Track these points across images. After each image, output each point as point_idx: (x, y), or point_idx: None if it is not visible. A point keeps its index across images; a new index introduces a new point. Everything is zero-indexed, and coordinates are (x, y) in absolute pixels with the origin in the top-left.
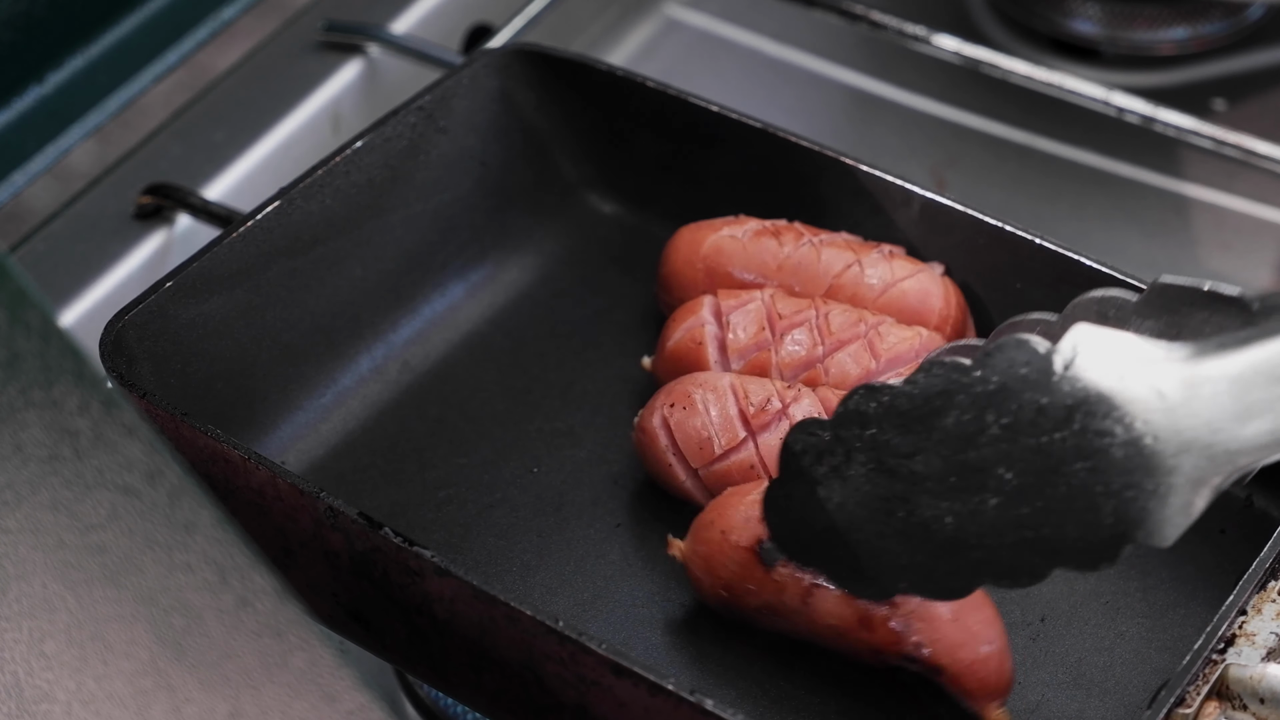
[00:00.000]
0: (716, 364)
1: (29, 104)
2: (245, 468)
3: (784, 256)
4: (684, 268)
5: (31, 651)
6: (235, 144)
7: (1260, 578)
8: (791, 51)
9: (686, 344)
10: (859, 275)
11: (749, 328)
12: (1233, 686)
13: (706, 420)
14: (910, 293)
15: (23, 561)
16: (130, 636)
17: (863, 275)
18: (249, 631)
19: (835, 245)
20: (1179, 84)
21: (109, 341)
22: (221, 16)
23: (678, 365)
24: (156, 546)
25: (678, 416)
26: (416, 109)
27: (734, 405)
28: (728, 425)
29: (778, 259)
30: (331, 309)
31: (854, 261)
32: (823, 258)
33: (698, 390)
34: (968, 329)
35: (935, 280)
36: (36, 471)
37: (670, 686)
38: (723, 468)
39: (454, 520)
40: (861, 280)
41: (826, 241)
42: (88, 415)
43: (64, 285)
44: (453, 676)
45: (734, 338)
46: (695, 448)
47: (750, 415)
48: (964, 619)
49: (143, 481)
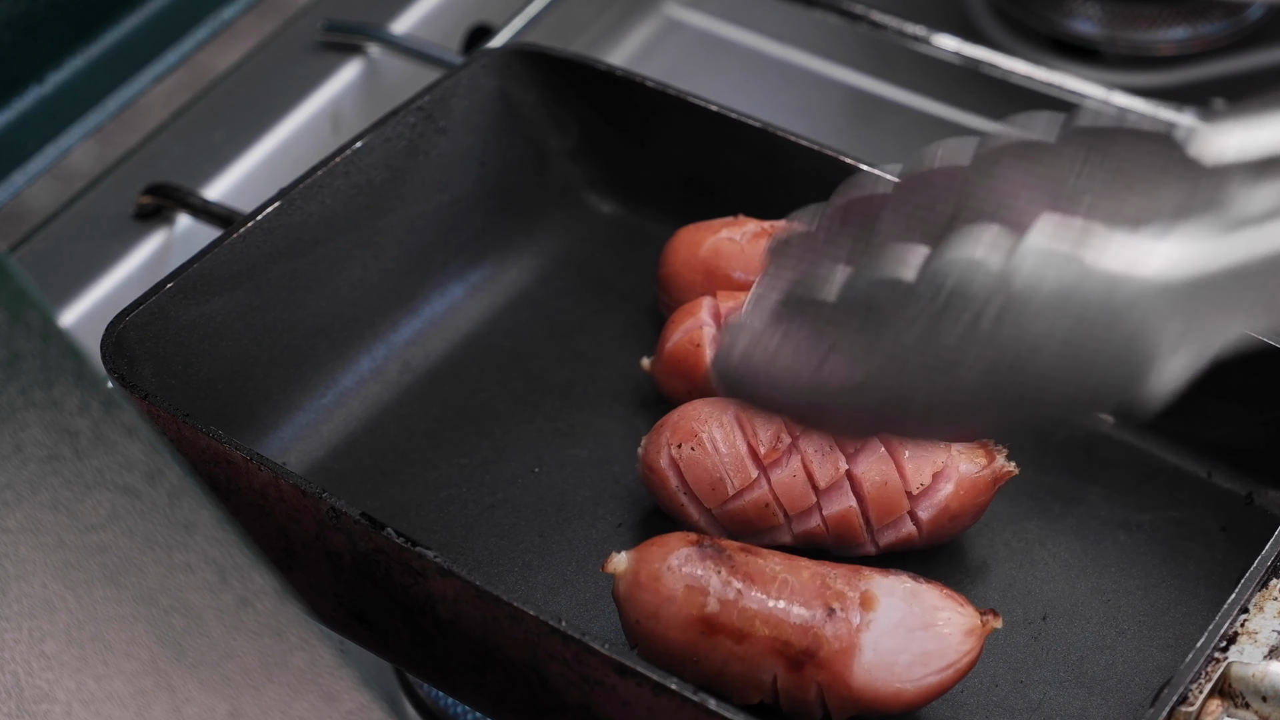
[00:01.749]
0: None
1: (29, 104)
2: (247, 469)
3: None
4: (683, 269)
5: (31, 651)
6: (235, 144)
7: (1262, 576)
8: (791, 51)
9: (685, 346)
10: None
11: None
12: (1235, 684)
13: (717, 460)
14: None
15: (23, 561)
16: (130, 636)
17: None
18: (249, 631)
19: None
20: (1179, 84)
21: (110, 343)
22: (221, 16)
23: (676, 367)
24: (156, 546)
25: (687, 456)
26: (416, 109)
27: (743, 443)
28: (739, 465)
29: None
30: (332, 310)
31: None
32: None
33: (704, 428)
34: None
35: None
36: (36, 471)
37: (674, 686)
38: (737, 507)
39: (455, 520)
40: None
41: None
42: (88, 415)
43: (64, 285)
44: (456, 677)
45: None
46: (708, 489)
47: (761, 454)
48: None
49: (143, 481)
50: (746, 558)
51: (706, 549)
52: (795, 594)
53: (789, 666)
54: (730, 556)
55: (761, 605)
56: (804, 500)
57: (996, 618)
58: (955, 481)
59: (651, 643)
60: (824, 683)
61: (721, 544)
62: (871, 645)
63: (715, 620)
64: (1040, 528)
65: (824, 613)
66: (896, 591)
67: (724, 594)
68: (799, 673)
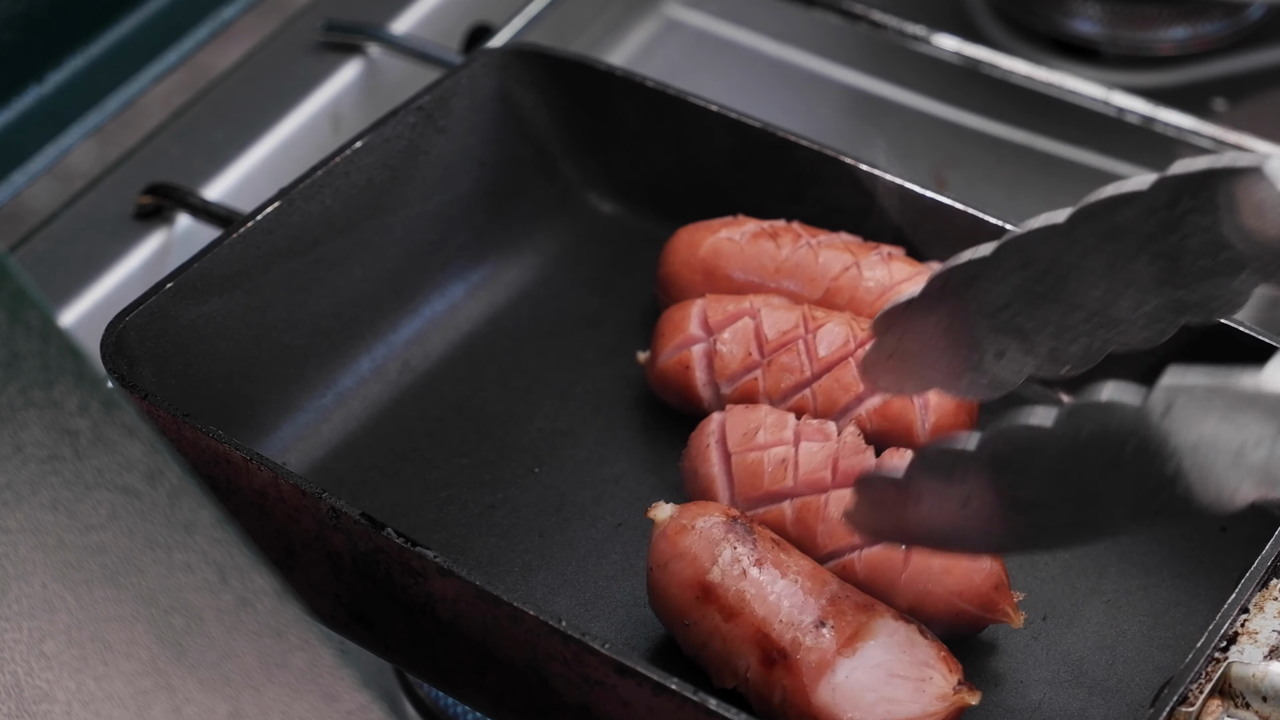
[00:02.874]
0: (705, 386)
1: (29, 104)
2: (247, 469)
3: (782, 259)
4: (682, 269)
5: (31, 651)
6: (235, 144)
7: (1262, 576)
8: (791, 51)
9: (675, 368)
10: (857, 277)
11: (736, 351)
12: (1235, 684)
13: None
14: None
15: (23, 561)
16: (130, 636)
17: (861, 278)
18: (249, 631)
19: (834, 247)
20: (1179, 84)
21: (110, 343)
22: (221, 16)
23: (668, 385)
24: (156, 546)
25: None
26: (416, 109)
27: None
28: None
29: (775, 261)
30: (332, 309)
31: (852, 264)
32: (820, 259)
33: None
34: None
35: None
36: (36, 471)
37: (674, 686)
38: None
39: (455, 520)
40: (860, 283)
41: (825, 243)
42: (88, 415)
43: (64, 285)
44: (456, 677)
45: (721, 364)
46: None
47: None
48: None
49: (143, 481)
50: (772, 549)
51: (737, 525)
52: (796, 597)
53: (762, 660)
54: (756, 541)
55: (759, 591)
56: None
57: (975, 694)
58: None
59: (655, 594)
60: (789, 688)
61: (756, 528)
62: (846, 671)
63: (713, 589)
64: None
65: (813, 623)
66: (896, 634)
67: (730, 568)
68: (769, 670)
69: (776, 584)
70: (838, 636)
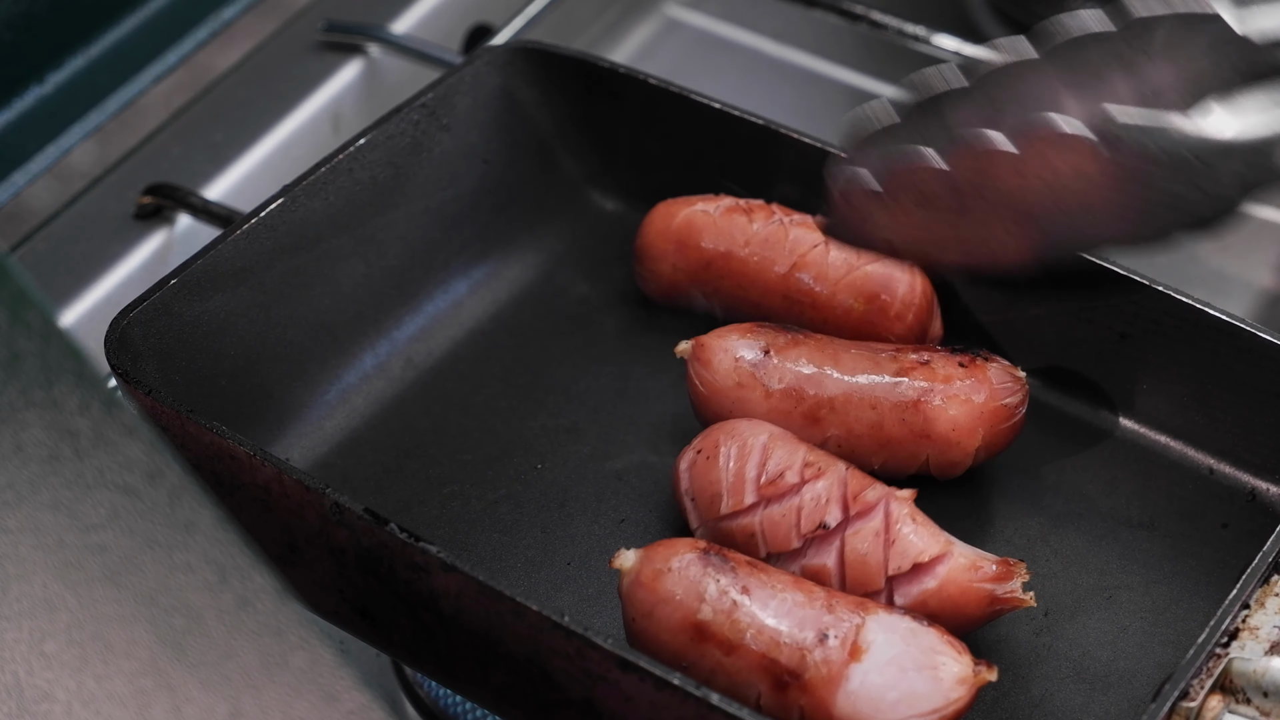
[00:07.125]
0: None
1: (29, 104)
2: (251, 464)
3: (752, 232)
4: (656, 239)
5: (31, 651)
6: (235, 144)
7: (1263, 572)
8: (791, 51)
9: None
10: (824, 255)
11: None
12: (1236, 680)
13: (721, 476)
14: (874, 276)
15: (23, 561)
16: (130, 636)
17: (827, 255)
18: (249, 631)
19: (806, 225)
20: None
21: (114, 338)
22: (221, 16)
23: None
24: (156, 546)
25: (700, 464)
26: (419, 106)
27: (754, 469)
28: (738, 487)
29: (745, 234)
30: (335, 306)
31: (821, 242)
32: (790, 235)
33: (727, 443)
34: (933, 322)
35: (902, 267)
36: (36, 471)
37: (676, 681)
38: (726, 528)
39: (458, 516)
40: (826, 260)
41: (798, 221)
42: (88, 415)
43: (64, 285)
44: (459, 672)
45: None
46: (707, 500)
47: (762, 484)
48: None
49: (143, 481)
50: (751, 572)
51: (712, 557)
52: (791, 615)
53: (774, 685)
54: (735, 568)
55: (754, 620)
56: (786, 543)
57: (991, 669)
58: (941, 580)
59: (645, 643)
60: (806, 707)
61: (729, 555)
62: (860, 677)
63: (707, 628)
64: (1042, 524)
65: (816, 637)
66: (897, 629)
67: (719, 603)
68: (783, 693)
69: (769, 606)
70: (841, 645)
